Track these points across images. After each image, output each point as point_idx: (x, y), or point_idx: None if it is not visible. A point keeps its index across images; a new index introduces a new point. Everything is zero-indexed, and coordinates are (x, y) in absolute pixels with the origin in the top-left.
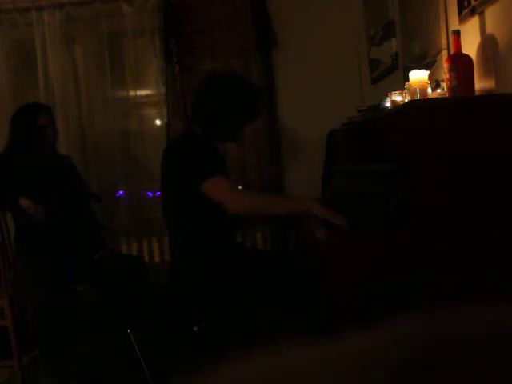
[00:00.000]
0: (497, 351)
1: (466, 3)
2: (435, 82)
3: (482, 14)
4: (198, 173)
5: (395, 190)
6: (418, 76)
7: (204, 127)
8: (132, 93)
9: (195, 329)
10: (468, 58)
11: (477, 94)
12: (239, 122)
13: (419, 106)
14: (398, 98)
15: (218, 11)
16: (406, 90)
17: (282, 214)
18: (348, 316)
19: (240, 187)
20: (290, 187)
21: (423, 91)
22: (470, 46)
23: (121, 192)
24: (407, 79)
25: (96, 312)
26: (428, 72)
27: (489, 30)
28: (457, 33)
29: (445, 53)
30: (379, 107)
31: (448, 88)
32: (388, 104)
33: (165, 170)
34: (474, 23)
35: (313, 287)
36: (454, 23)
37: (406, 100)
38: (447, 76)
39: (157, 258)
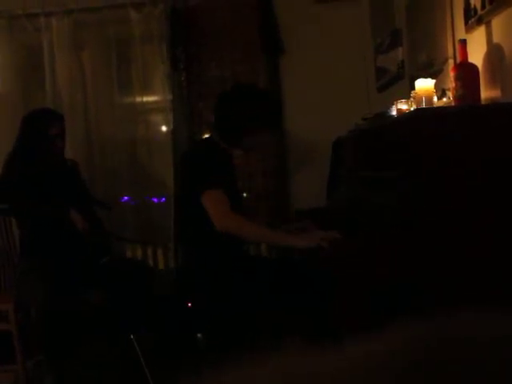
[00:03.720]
0: (500, 354)
1: (472, 12)
2: (441, 91)
3: (488, 23)
4: (201, 182)
5: (399, 196)
6: (424, 85)
7: (223, 132)
8: (139, 99)
9: (199, 335)
10: (474, 67)
11: (482, 103)
12: (253, 126)
13: (425, 115)
14: (403, 106)
15: (225, 18)
16: (411, 99)
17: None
18: (353, 319)
19: (245, 194)
20: (295, 194)
21: (429, 100)
22: (477, 55)
23: (126, 198)
24: (413, 88)
25: (100, 315)
26: (434, 81)
27: (495, 39)
28: (463, 42)
29: (451, 62)
30: (385, 115)
31: (454, 97)
32: (394, 112)
33: (180, 177)
34: (480, 32)
35: (318, 292)
36: (460, 32)
37: (412, 108)
38: (453, 85)
39: (161, 265)
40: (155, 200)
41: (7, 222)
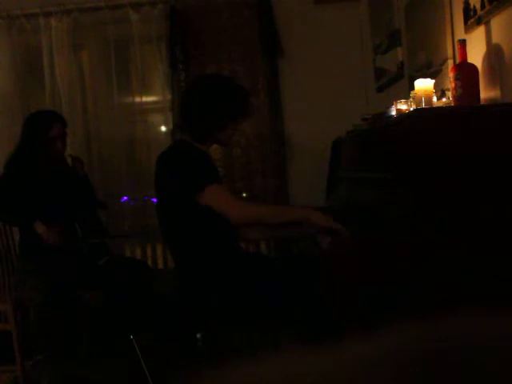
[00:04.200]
0: (500, 354)
1: (472, 13)
2: (440, 91)
3: (487, 23)
4: (194, 183)
5: (398, 198)
6: (424, 85)
7: (192, 131)
8: (138, 99)
9: (198, 336)
10: (473, 68)
11: (482, 103)
12: (226, 121)
13: (424, 115)
14: (403, 106)
15: (225, 18)
16: (411, 99)
17: (283, 223)
18: (352, 320)
19: (244, 194)
20: (294, 194)
21: (428, 100)
22: (476, 55)
23: (125, 198)
24: (412, 88)
25: (100, 315)
26: (433, 81)
27: (495, 39)
28: (462, 42)
29: (450, 62)
30: (384, 116)
31: (453, 97)
32: (393, 112)
33: (158, 182)
34: (479, 33)
35: (317, 292)
36: (459, 32)
37: (411, 109)
38: (452, 85)
39: (160, 264)
40: (155, 200)
41: (7, 224)
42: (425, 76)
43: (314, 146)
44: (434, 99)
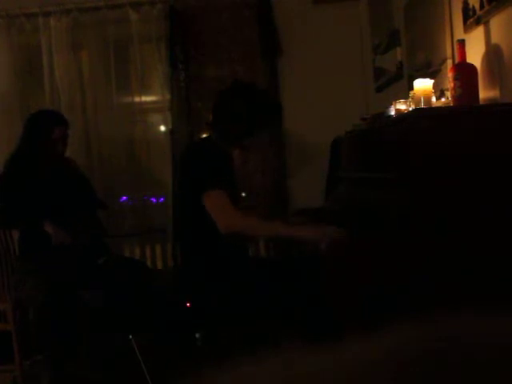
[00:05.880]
0: (499, 354)
1: (471, 13)
2: (439, 91)
3: (487, 23)
4: (202, 183)
5: (397, 197)
6: (423, 85)
7: (221, 133)
8: (137, 99)
9: (198, 336)
10: (472, 68)
11: (481, 103)
12: (255, 130)
13: (423, 115)
14: (402, 106)
15: (224, 18)
16: (410, 99)
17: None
18: (351, 319)
19: (243, 194)
20: (294, 194)
21: (427, 100)
22: (475, 55)
23: (124, 198)
24: (412, 88)
25: (99, 315)
26: (432, 81)
27: (494, 39)
28: (462, 42)
29: (449, 62)
30: (383, 115)
31: (452, 97)
32: (392, 112)
33: (179, 176)
34: (479, 33)
35: (317, 292)
36: (459, 32)
37: (411, 108)
38: (451, 85)
39: (159, 265)
40: (154, 200)
41: (11, 228)
42: (424, 76)
43: (314, 145)
44: (433, 99)
